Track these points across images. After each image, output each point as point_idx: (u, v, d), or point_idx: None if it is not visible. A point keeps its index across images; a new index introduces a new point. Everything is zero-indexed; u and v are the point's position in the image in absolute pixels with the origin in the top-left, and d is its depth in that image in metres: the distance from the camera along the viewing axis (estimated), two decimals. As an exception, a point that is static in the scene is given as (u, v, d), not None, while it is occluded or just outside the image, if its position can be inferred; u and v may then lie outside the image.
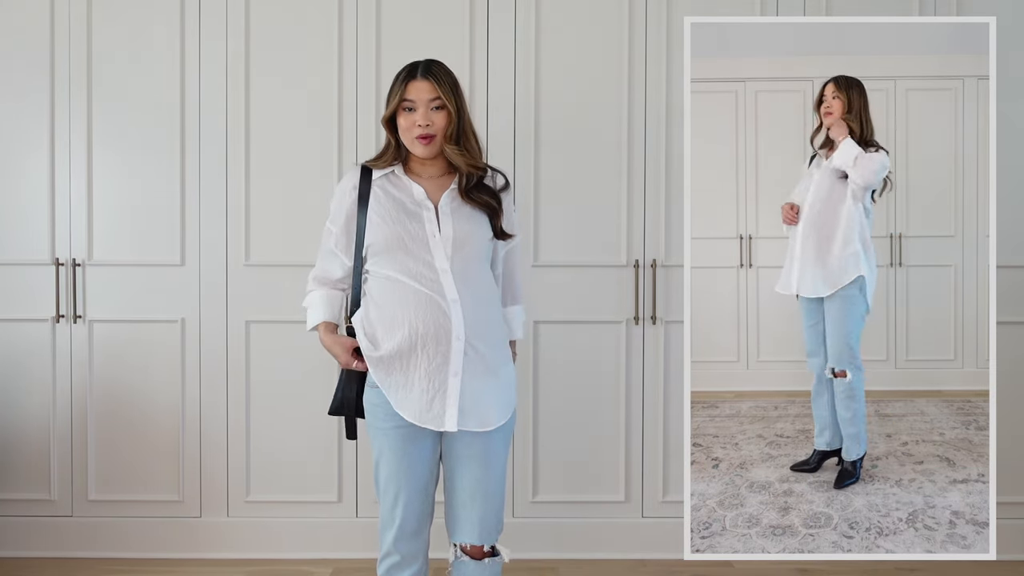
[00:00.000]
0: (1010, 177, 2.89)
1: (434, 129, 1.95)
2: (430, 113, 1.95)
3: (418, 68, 1.97)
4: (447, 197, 2.00)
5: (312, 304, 2.07)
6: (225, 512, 2.98)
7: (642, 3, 2.94)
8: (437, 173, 2.03)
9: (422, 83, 1.95)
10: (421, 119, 1.94)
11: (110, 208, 2.94)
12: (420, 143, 1.96)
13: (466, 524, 1.99)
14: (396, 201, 1.99)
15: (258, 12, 2.92)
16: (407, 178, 2.02)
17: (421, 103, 1.95)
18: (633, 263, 2.95)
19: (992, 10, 2.85)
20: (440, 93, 1.95)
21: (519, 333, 2.15)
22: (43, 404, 2.96)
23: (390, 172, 2.03)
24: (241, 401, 2.96)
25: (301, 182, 2.93)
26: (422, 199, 1.99)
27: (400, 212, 1.97)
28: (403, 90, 1.96)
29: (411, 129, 1.96)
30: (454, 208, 1.99)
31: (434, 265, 1.93)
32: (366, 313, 1.99)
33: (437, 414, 1.91)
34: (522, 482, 2.99)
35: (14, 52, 2.91)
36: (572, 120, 2.93)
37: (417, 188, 2.00)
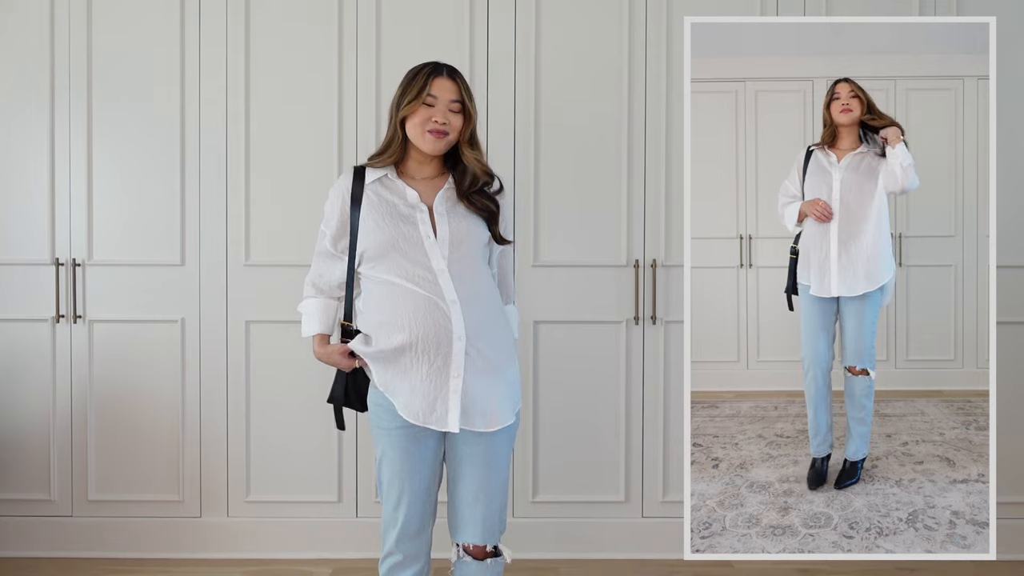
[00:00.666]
0: (1010, 177, 2.89)
1: (449, 128, 1.96)
2: (448, 113, 1.97)
3: (443, 68, 2.00)
4: (441, 197, 2.00)
5: (308, 312, 2.08)
6: (225, 512, 2.98)
7: (642, 3, 2.94)
8: (431, 174, 2.04)
9: (447, 82, 1.97)
10: (440, 116, 1.95)
11: (110, 208, 2.94)
12: (431, 137, 1.96)
13: (469, 524, 1.99)
14: (389, 204, 1.99)
15: (258, 11, 2.92)
16: (400, 181, 2.02)
17: (442, 101, 1.96)
18: (633, 263, 2.95)
19: (992, 10, 2.85)
20: (462, 96, 1.98)
21: (514, 333, 2.15)
22: (43, 404, 2.96)
23: (383, 176, 2.03)
24: (241, 401, 2.96)
25: (301, 182, 2.93)
26: (415, 202, 1.99)
27: (393, 215, 1.97)
28: (429, 85, 1.96)
29: (426, 123, 1.96)
30: (449, 208, 2.00)
31: (431, 267, 1.93)
32: (363, 318, 1.99)
33: (440, 415, 1.91)
34: (522, 482, 2.99)
35: (14, 52, 2.91)
36: (572, 120, 2.93)
37: (410, 191, 2.00)
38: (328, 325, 2.08)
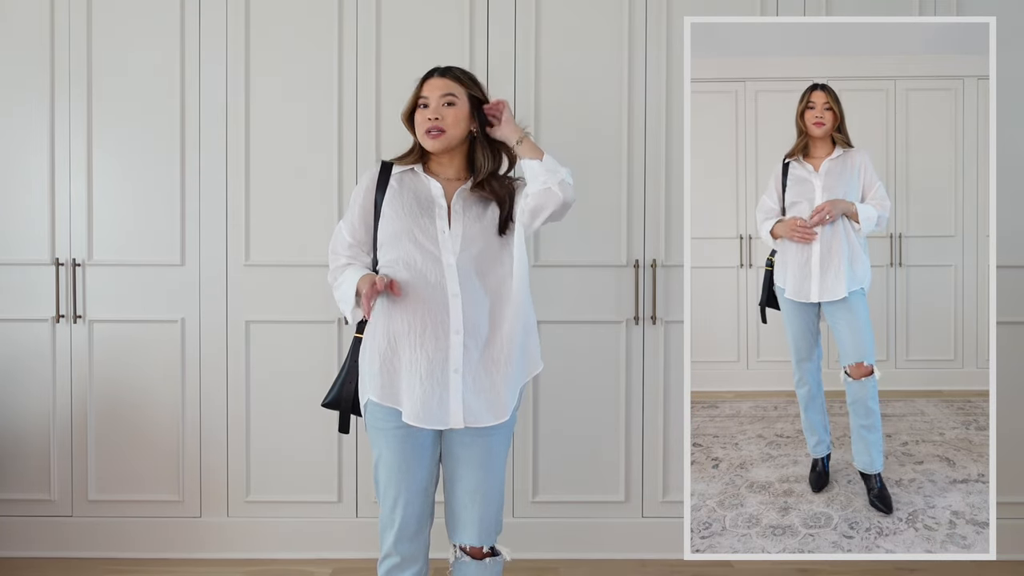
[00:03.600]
0: (1010, 177, 2.89)
1: (443, 123, 1.99)
2: (441, 108, 1.99)
3: (437, 69, 2.06)
4: (459, 196, 2.03)
5: (343, 276, 2.01)
6: (225, 512, 2.98)
7: (642, 3, 2.94)
8: (454, 175, 2.07)
9: (437, 80, 2.03)
10: (431, 113, 1.99)
11: (110, 208, 2.94)
12: (428, 137, 2.00)
13: (465, 525, 1.99)
14: (411, 195, 2.02)
15: (258, 11, 2.92)
16: (425, 175, 2.06)
17: (434, 99, 2.01)
18: (633, 263, 2.95)
19: (992, 10, 2.85)
20: (451, 89, 2.00)
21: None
22: (43, 404, 2.96)
23: (409, 169, 2.07)
24: (241, 401, 2.96)
25: (301, 182, 2.93)
26: (438, 195, 2.02)
27: (413, 206, 2.01)
28: (419, 88, 2.04)
29: (422, 124, 2.01)
30: (466, 208, 2.02)
31: (440, 259, 1.95)
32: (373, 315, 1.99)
33: (440, 414, 1.91)
34: (522, 482, 2.99)
35: (14, 52, 2.91)
36: (572, 120, 2.93)
37: (435, 184, 2.04)
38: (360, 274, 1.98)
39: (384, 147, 2.90)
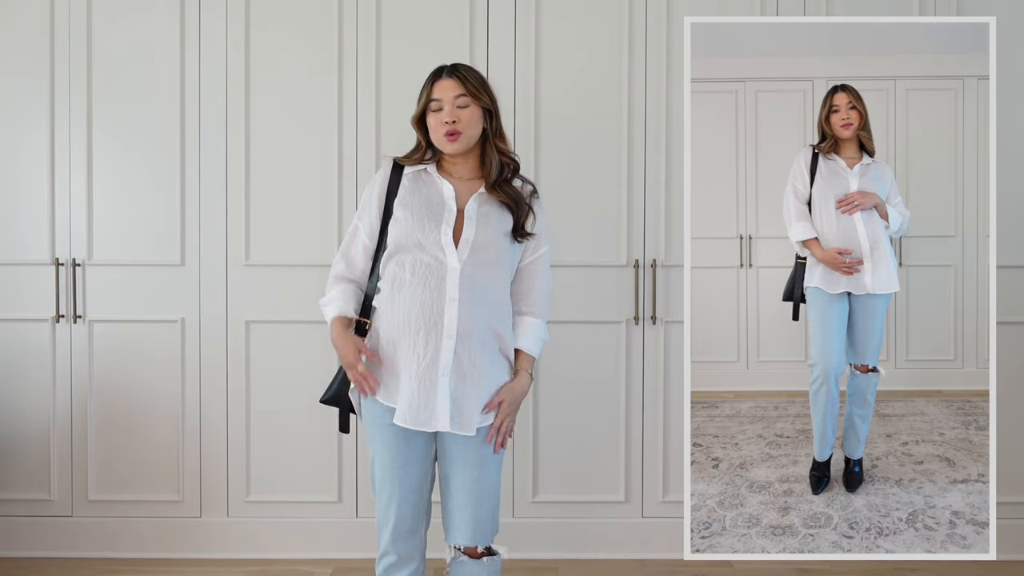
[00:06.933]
0: (1010, 177, 2.89)
1: (460, 126, 1.98)
2: (456, 111, 1.98)
3: (444, 69, 2.03)
4: (474, 201, 2.01)
5: (330, 300, 2.04)
6: (225, 512, 2.98)
7: (642, 3, 2.94)
8: (468, 175, 2.05)
9: (447, 81, 2.00)
10: (447, 116, 1.98)
11: (110, 208, 2.94)
12: (447, 140, 1.99)
13: (460, 525, 1.99)
14: (422, 197, 2.01)
15: (258, 10, 2.92)
16: (438, 176, 2.04)
17: (447, 101, 1.99)
18: (633, 263, 2.95)
19: (992, 10, 2.85)
20: (465, 90, 1.99)
21: (533, 348, 2.07)
22: (43, 404, 2.96)
23: (422, 170, 2.06)
24: (241, 401, 2.96)
25: (301, 182, 2.93)
26: (449, 198, 2.01)
27: (423, 208, 1.99)
28: (430, 90, 2.01)
29: (439, 127, 1.99)
30: (480, 213, 2.00)
31: (445, 263, 1.94)
32: (376, 314, 2.00)
33: (427, 416, 1.92)
34: (522, 482, 2.99)
35: (14, 52, 2.91)
36: (572, 120, 2.93)
37: (447, 187, 2.02)
38: (350, 309, 2.01)
39: (384, 146, 2.90)
